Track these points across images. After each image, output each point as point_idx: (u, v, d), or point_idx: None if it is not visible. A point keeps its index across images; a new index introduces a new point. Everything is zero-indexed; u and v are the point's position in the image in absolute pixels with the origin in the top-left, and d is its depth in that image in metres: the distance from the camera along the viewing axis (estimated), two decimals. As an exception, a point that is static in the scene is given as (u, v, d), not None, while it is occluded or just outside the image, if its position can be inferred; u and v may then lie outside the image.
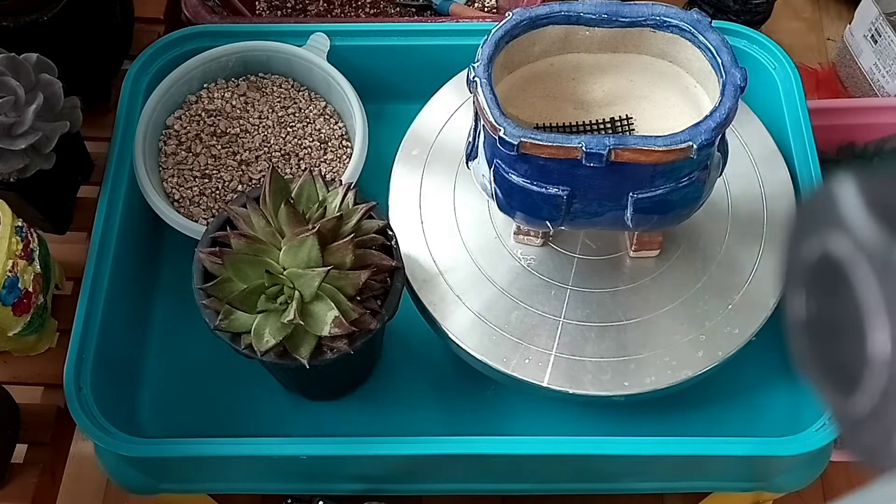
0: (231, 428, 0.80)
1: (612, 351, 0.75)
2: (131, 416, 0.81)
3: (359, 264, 0.69)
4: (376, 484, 0.82)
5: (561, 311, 0.76)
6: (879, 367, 0.30)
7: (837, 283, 0.31)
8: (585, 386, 0.74)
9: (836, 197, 0.30)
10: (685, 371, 0.74)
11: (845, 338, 0.31)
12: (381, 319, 0.70)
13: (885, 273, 0.29)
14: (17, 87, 0.76)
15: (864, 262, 0.30)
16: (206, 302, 0.70)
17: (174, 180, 0.87)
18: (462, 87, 0.83)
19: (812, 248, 0.32)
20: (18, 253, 0.74)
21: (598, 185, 0.66)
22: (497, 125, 0.65)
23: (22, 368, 0.82)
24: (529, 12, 0.69)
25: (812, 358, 0.33)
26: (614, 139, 0.64)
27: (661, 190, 0.66)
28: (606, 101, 0.74)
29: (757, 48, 0.91)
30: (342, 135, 0.90)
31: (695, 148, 0.64)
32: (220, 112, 0.90)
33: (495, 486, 0.85)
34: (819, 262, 0.32)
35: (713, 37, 0.67)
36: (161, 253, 0.89)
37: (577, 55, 0.73)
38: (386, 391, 0.83)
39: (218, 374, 0.83)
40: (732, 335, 0.75)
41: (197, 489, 0.85)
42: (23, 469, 0.78)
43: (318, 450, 0.75)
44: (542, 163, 0.65)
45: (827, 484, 1.10)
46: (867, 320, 0.30)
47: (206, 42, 0.92)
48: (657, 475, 0.83)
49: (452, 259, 0.79)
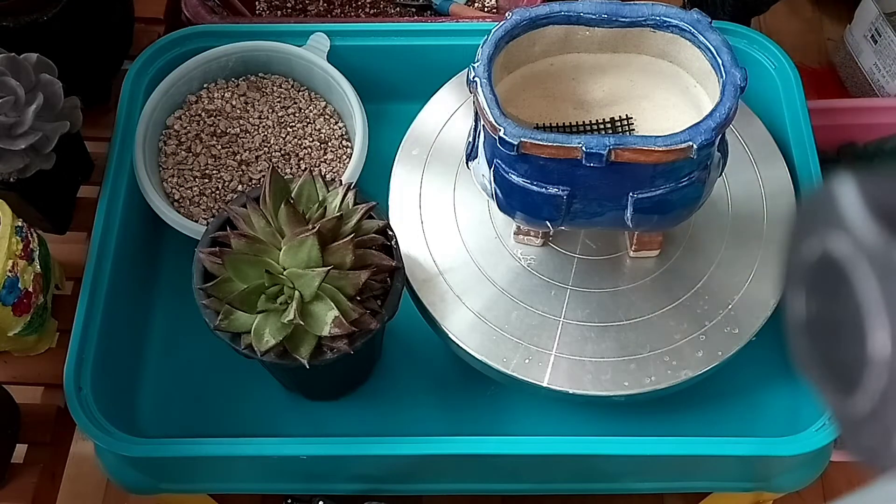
0: (231, 428, 0.80)
1: (612, 351, 0.75)
2: (131, 416, 0.81)
3: (359, 264, 0.69)
4: (376, 484, 0.82)
5: (561, 311, 0.76)
6: (879, 367, 0.30)
7: (837, 283, 0.31)
8: (585, 386, 0.74)
9: (836, 197, 0.30)
10: (685, 371, 0.74)
11: (845, 338, 0.31)
12: (381, 319, 0.70)
13: (885, 273, 0.29)
14: (17, 87, 0.76)
15: (864, 262, 0.30)
16: (206, 302, 0.70)
17: (174, 180, 0.87)
18: (462, 87, 0.83)
19: (812, 248, 0.32)
20: (18, 253, 0.74)
21: (598, 185, 0.66)
22: (497, 125, 0.65)
23: (22, 368, 0.82)
24: (529, 12, 0.69)
25: (812, 358, 0.33)
26: (614, 139, 0.64)
27: (661, 190, 0.66)
28: (606, 101, 0.74)
29: (757, 48, 0.91)
30: (342, 135, 0.90)
31: (695, 148, 0.64)
32: (220, 112, 0.90)
33: (495, 486, 0.85)
34: (819, 262, 0.32)
35: (713, 37, 0.67)
36: (161, 253, 0.89)
37: (577, 55, 0.73)
38: (386, 391, 0.83)
39: (218, 374, 0.83)
40: (732, 335, 0.75)
41: (197, 489, 0.85)
42: (23, 469, 0.78)
43: (318, 450, 0.75)
44: (542, 163, 0.65)
45: (827, 484, 1.10)
46: (867, 320, 0.30)
47: (206, 42, 0.92)
48: (657, 475, 0.83)
49: (452, 259, 0.79)
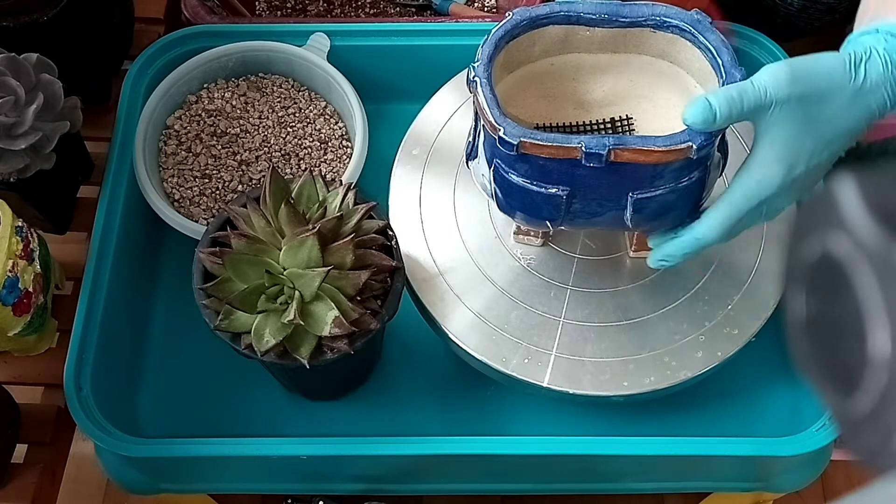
0: (231, 428, 0.80)
1: (611, 351, 0.75)
2: (131, 416, 0.81)
3: (359, 264, 0.69)
4: (376, 484, 0.82)
5: (561, 311, 0.76)
6: (879, 367, 0.30)
7: (838, 283, 0.31)
8: (585, 386, 0.74)
9: (837, 197, 0.30)
10: (684, 372, 0.74)
11: (845, 338, 0.31)
12: (381, 319, 0.70)
13: (885, 273, 0.29)
14: (17, 87, 0.76)
15: (864, 262, 0.30)
16: (206, 302, 0.70)
17: (174, 180, 0.87)
18: (462, 87, 0.83)
19: (812, 248, 0.32)
20: (18, 253, 0.74)
21: (598, 186, 0.66)
22: (497, 125, 0.65)
23: (22, 368, 0.82)
24: (529, 12, 0.69)
25: (812, 358, 0.33)
26: (614, 139, 0.64)
27: (661, 190, 0.66)
28: (607, 101, 0.74)
29: (757, 48, 0.91)
30: (342, 135, 0.90)
31: (694, 148, 0.64)
32: (220, 112, 0.90)
33: (495, 486, 0.85)
34: (819, 262, 0.32)
35: (713, 37, 0.67)
36: (161, 253, 0.89)
37: (577, 55, 0.73)
38: (386, 391, 0.83)
39: (218, 374, 0.83)
40: (732, 336, 0.75)
41: (197, 489, 0.85)
42: (23, 469, 0.78)
43: (318, 450, 0.75)
44: (542, 163, 0.65)
45: (827, 484, 1.10)
46: (867, 320, 0.30)
47: (206, 42, 0.92)
48: (657, 475, 0.83)
49: (452, 259, 0.79)
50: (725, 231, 0.67)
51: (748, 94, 0.63)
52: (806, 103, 0.63)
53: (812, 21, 1.03)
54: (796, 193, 0.67)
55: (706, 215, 0.67)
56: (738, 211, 0.66)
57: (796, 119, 0.63)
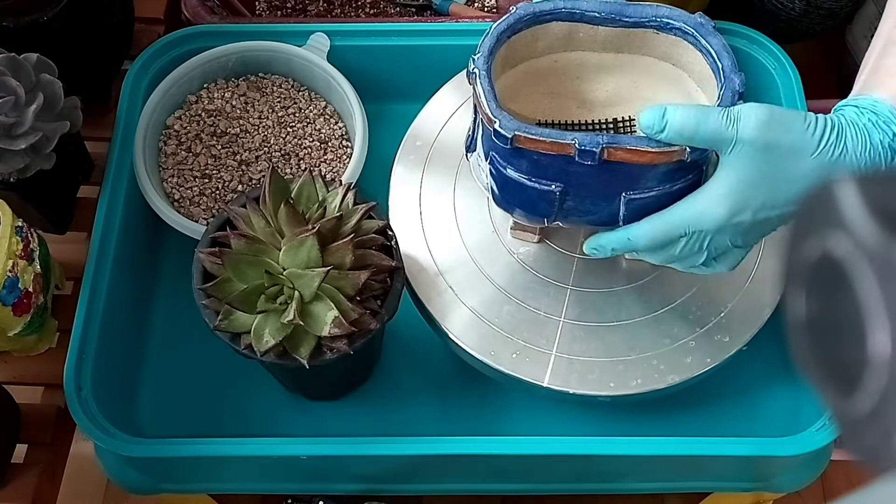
0: (231, 428, 0.80)
1: (612, 351, 0.75)
2: (131, 416, 0.81)
3: (359, 264, 0.69)
4: (376, 484, 0.82)
5: (561, 310, 0.76)
6: (879, 367, 0.30)
7: (837, 283, 0.31)
8: (585, 386, 0.74)
9: (836, 197, 0.30)
10: (672, 376, 0.74)
11: (845, 338, 0.31)
12: (380, 319, 0.70)
13: (885, 273, 0.29)
14: (17, 87, 0.76)
15: (864, 262, 0.30)
16: (206, 302, 0.70)
17: (174, 180, 0.87)
18: (462, 87, 0.83)
19: (812, 248, 0.32)
20: (18, 253, 0.74)
21: (592, 184, 0.66)
22: (493, 117, 0.65)
23: (22, 368, 0.82)
24: (533, 7, 0.69)
25: (812, 358, 0.33)
26: (608, 138, 0.64)
27: (655, 192, 0.66)
28: (610, 101, 0.74)
29: (757, 48, 0.91)
30: (342, 135, 0.90)
31: (688, 151, 0.63)
32: (220, 112, 0.90)
33: (495, 486, 0.85)
34: (819, 261, 0.32)
35: (715, 41, 0.67)
36: (161, 253, 0.89)
37: (580, 53, 0.73)
38: (386, 391, 0.83)
39: (218, 374, 0.83)
40: (723, 343, 0.75)
41: (197, 489, 0.85)
42: (23, 469, 0.78)
43: (318, 450, 0.75)
44: (537, 158, 0.65)
45: (827, 484, 1.10)
46: (867, 320, 0.30)
47: (206, 42, 0.92)
48: (657, 475, 0.83)
49: (452, 259, 0.79)
50: (652, 243, 0.66)
51: (709, 120, 0.60)
52: (770, 153, 0.61)
53: (813, 25, 1.03)
54: (739, 238, 0.64)
55: (644, 220, 0.66)
56: (671, 229, 0.64)
57: (757, 166, 0.61)
